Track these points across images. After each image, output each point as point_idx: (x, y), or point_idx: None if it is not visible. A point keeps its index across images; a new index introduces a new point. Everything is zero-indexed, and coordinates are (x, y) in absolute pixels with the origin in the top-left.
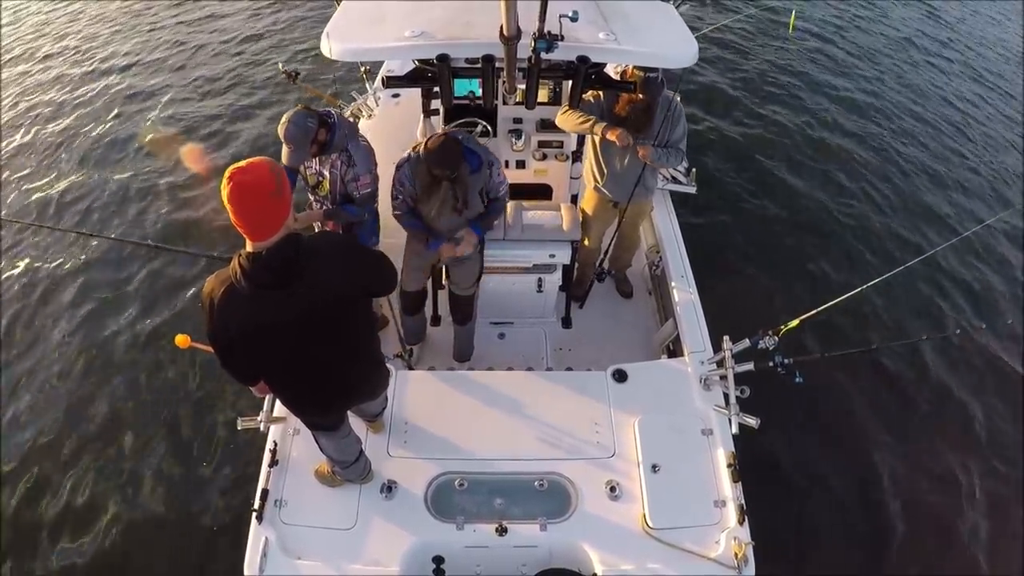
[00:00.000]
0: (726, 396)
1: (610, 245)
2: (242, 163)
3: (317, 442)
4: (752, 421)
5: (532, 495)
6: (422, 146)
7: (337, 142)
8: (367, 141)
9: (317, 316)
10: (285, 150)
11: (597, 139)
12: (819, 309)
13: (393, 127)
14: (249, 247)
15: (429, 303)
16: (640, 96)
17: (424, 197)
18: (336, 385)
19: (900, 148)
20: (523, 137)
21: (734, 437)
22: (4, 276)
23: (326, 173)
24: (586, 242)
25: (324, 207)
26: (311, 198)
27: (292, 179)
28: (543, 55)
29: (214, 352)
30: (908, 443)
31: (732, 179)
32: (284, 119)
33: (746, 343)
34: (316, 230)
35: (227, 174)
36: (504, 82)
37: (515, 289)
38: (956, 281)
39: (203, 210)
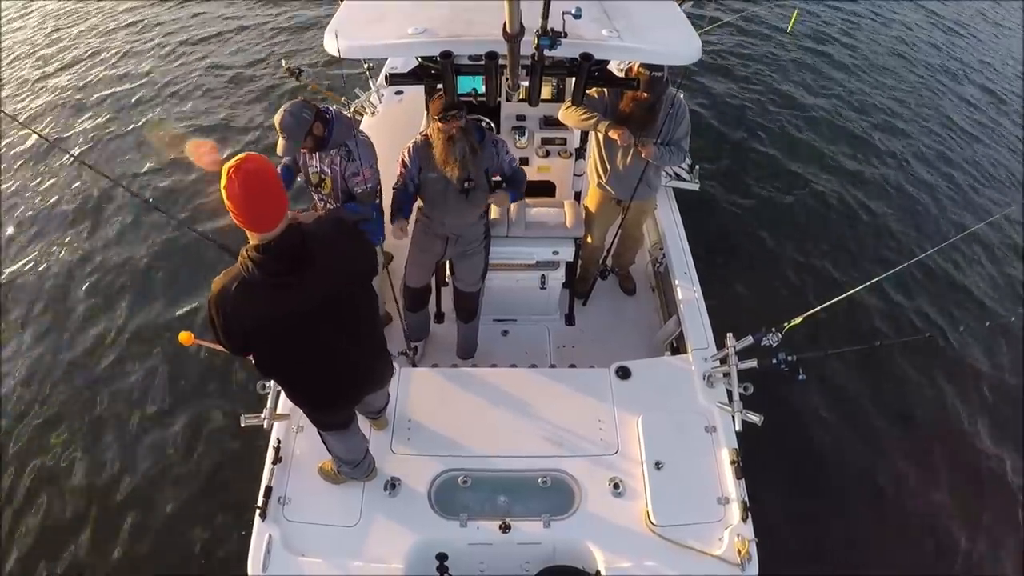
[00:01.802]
0: (729, 393)
1: (613, 242)
2: (237, 157)
3: (325, 443)
4: (755, 418)
5: (536, 492)
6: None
7: (335, 138)
8: (367, 136)
9: (328, 302)
10: (280, 140)
11: (600, 136)
12: (823, 306)
13: (396, 125)
14: (254, 240)
15: (433, 300)
16: (645, 95)
17: (441, 161)
18: (347, 374)
19: (903, 145)
20: (526, 134)
21: (737, 434)
22: (7, 271)
23: (327, 170)
24: (589, 239)
25: (328, 205)
26: (315, 198)
27: (289, 179)
28: (546, 52)
29: (225, 347)
30: (913, 440)
31: (735, 176)
32: (281, 109)
33: (749, 340)
34: None
35: (229, 168)
36: (507, 79)
37: (519, 286)
38: (961, 278)
39: (206, 202)
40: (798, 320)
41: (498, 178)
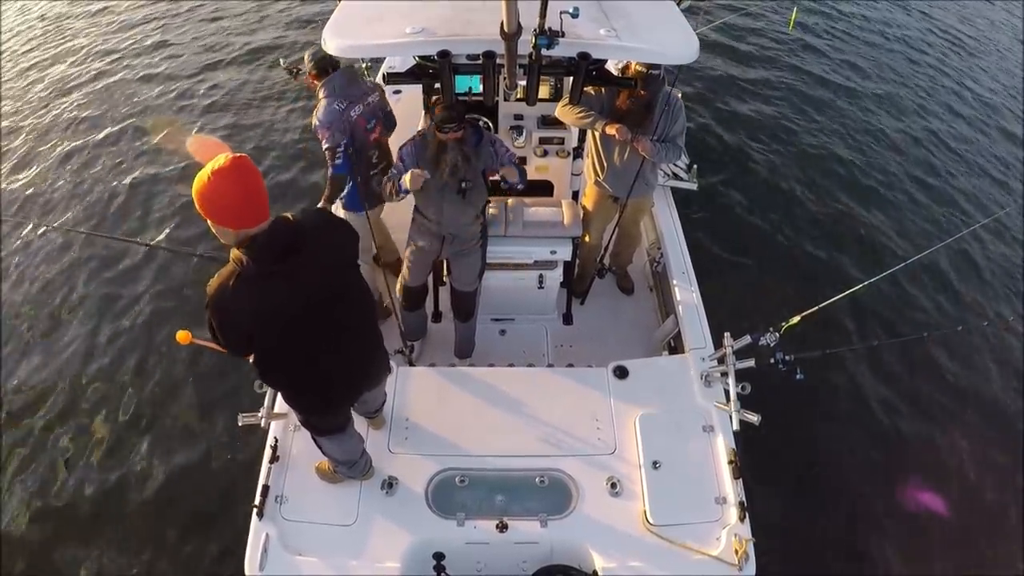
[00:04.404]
0: (727, 393)
1: (611, 241)
2: (213, 160)
3: (320, 447)
4: (753, 418)
5: (533, 492)
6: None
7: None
8: (330, 103)
9: (324, 291)
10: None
11: (597, 133)
12: (821, 305)
13: None
14: (244, 240)
15: (430, 299)
16: (641, 92)
17: (432, 165)
18: (348, 366)
19: (902, 143)
20: (524, 134)
21: (735, 434)
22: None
23: None
24: (587, 238)
25: None
26: None
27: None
28: (544, 51)
29: (224, 347)
30: (909, 440)
31: (733, 175)
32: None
33: (747, 340)
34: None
35: (215, 169)
36: (505, 78)
37: (516, 285)
38: (959, 277)
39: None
40: (796, 319)
41: (495, 178)
